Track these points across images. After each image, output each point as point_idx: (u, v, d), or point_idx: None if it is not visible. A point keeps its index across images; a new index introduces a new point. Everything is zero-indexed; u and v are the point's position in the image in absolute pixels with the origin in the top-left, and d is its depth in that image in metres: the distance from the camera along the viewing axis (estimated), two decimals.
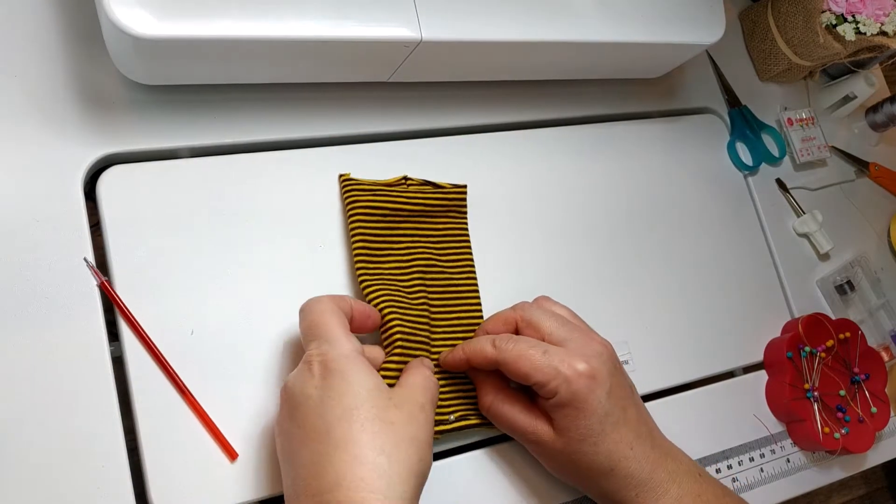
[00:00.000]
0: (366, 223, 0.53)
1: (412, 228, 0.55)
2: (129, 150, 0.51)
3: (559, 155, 0.64)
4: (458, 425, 0.52)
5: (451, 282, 0.55)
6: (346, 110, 0.58)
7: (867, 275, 0.75)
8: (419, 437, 0.43)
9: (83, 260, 0.47)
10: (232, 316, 0.50)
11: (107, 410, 0.45)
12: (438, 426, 0.51)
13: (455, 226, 0.57)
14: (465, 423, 0.52)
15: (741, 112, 0.75)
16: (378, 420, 0.42)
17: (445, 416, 0.51)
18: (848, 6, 0.69)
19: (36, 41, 0.50)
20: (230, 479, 0.47)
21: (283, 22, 0.47)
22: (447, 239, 0.56)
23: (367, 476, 0.40)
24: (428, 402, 0.46)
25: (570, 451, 0.49)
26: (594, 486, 0.50)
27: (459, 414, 0.52)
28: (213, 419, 0.47)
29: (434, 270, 0.55)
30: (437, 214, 0.56)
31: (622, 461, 0.49)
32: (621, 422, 0.49)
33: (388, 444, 0.42)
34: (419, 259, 0.54)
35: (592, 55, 0.61)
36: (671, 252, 0.66)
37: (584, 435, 0.48)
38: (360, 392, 0.43)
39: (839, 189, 0.79)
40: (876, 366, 0.68)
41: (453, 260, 0.56)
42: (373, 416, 0.42)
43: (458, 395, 0.53)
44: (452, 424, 0.51)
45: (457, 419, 0.52)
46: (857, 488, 1.38)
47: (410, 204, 0.54)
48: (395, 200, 0.54)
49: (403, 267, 0.53)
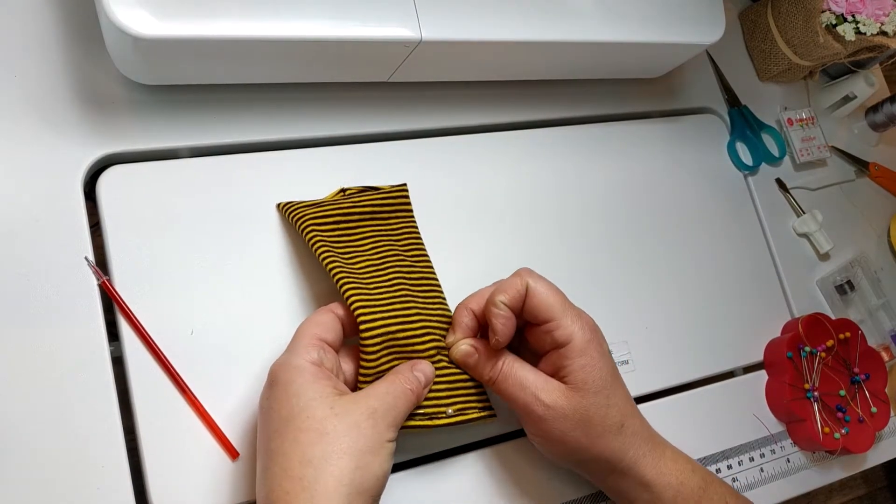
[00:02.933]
0: (323, 233, 0.52)
1: (369, 229, 0.54)
2: (129, 150, 0.51)
3: (559, 155, 0.64)
4: (455, 419, 0.51)
5: (422, 276, 0.54)
6: (346, 110, 0.58)
7: (867, 275, 0.75)
8: (358, 448, 0.41)
9: (84, 259, 0.47)
10: (232, 315, 0.50)
11: (107, 410, 0.45)
12: (433, 420, 0.50)
13: (405, 225, 0.56)
14: (464, 418, 0.51)
15: (741, 112, 0.75)
16: (311, 431, 0.41)
17: (442, 409, 0.50)
18: (848, 6, 0.69)
19: (36, 41, 0.50)
20: (231, 479, 0.47)
21: (283, 22, 0.47)
22: (403, 237, 0.55)
23: (292, 489, 0.40)
24: (385, 409, 0.44)
25: (584, 407, 0.48)
26: (605, 447, 0.49)
27: (458, 408, 0.51)
28: (214, 418, 0.47)
29: (406, 265, 0.53)
30: (386, 215, 0.55)
31: (629, 417, 0.50)
32: (621, 380, 0.51)
33: (316, 456, 0.40)
34: (389, 255, 0.53)
35: (592, 55, 0.61)
36: (671, 252, 0.66)
37: (599, 387, 0.48)
38: (297, 403, 0.42)
39: (839, 189, 0.79)
40: (876, 366, 0.68)
41: (416, 257, 0.55)
42: (307, 426, 0.41)
43: (456, 389, 0.52)
44: (450, 419, 0.51)
45: (455, 412, 0.51)
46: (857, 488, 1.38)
47: (357, 208, 0.53)
48: (341, 209, 0.53)
49: (377, 264, 0.52)
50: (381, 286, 0.51)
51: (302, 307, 0.52)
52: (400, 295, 0.51)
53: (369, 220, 0.54)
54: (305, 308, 0.52)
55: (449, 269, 0.56)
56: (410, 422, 0.49)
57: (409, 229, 0.56)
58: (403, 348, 0.49)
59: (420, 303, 0.52)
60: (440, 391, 0.51)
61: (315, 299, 0.52)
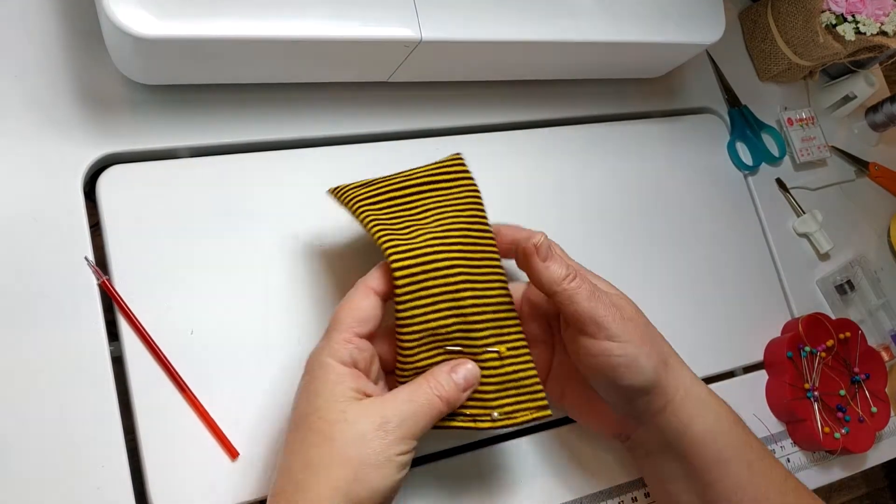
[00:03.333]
0: (378, 211, 0.47)
1: (430, 200, 0.49)
2: (129, 150, 0.51)
3: (559, 155, 0.64)
4: (501, 423, 0.46)
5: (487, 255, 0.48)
6: (346, 110, 0.58)
7: (867, 275, 0.75)
8: (360, 459, 0.40)
9: (83, 259, 0.47)
10: (232, 315, 0.50)
11: (107, 410, 0.45)
12: (476, 422, 0.46)
13: (469, 194, 0.50)
14: (511, 422, 0.46)
15: (741, 112, 0.75)
16: (320, 433, 0.41)
17: (488, 412, 0.46)
18: (848, 6, 0.69)
19: (36, 41, 0.50)
20: (231, 479, 0.47)
21: (283, 22, 0.47)
22: (468, 207, 0.49)
23: (289, 489, 0.40)
24: (400, 420, 0.42)
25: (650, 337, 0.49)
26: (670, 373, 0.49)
27: (506, 410, 0.46)
28: (214, 418, 0.47)
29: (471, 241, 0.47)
30: (446, 184, 0.50)
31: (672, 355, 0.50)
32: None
33: (317, 461, 0.40)
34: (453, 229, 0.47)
35: (592, 55, 0.61)
36: (671, 252, 0.66)
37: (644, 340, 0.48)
38: (314, 401, 0.42)
39: (839, 189, 0.79)
40: (876, 366, 0.68)
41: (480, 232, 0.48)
42: (317, 428, 0.41)
43: (507, 389, 0.47)
44: (495, 423, 0.46)
45: (501, 416, 0.46)
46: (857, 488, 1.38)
47: (412, 180, 0.49)
48: (394, 184, 0.49)
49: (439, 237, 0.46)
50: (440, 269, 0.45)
51: (302, 307, 0.52)
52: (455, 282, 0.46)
53: (428, 192, 0.49)
54: (305, 308, 0.52)
55: None
56: (450, 422, 0.45)
57: (473, 199, 0.50)
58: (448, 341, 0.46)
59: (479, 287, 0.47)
60: (488, 391, 0.46)
61: (315, 299, 0.52)
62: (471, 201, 0.49)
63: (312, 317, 0.52)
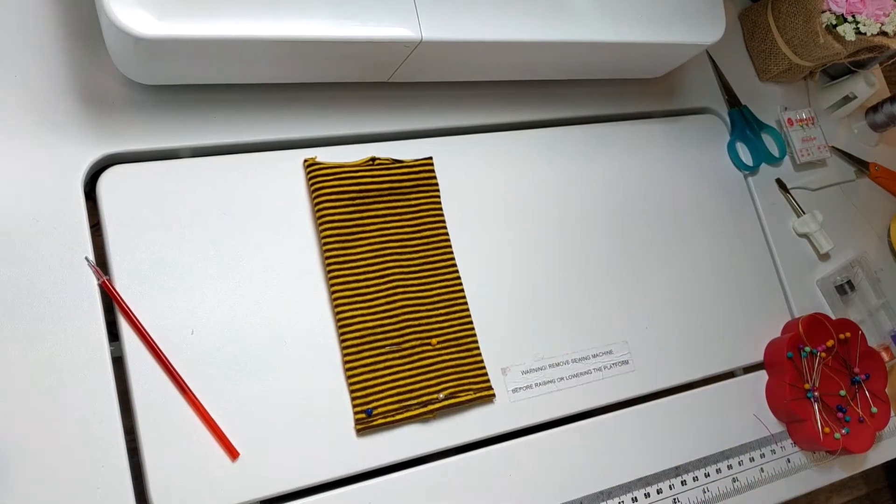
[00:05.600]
0: (334, 209, 0.53)
1: (383, 208, 0.55)
2: (130, 150, 0.51)
3: (559, 155, 0.65)
4: (447, 402, 0.53)
5: (428, 259, 0.56)
6: (347, 110, 0.58)
7: (867, 275, 0.75)
8: None
9: (84, 259, 0.47)
10: (232, 315, 0.50)
11: (107, 410, 0.45)
12: (427, 407, 0.52)
13: (427, 201, 0.57)
14: (456, 401, 0.53)
15: (741, 112, 0.75)
16: None
17: (434, 395, 0.53)
18: (848, 6, 0.69)
19: (36, 41, 0.50)
20: (231, 479, 0.47)
21: (283, 22, 0.47)
22: (421, 215, 0.57)
23: None
24: None
25: None
26: None
27: (449, 391, 0.53)
28: (214, 418, 0.47)
29: (408, 250, 0.55)
30: (406, 191, 0.56)
31: None
32: None
33: None
34: (392, 239, 0.55)
35: (592, 55, 0.61)
36: (671, 252, 0.66)
37: None
38: None
39: (839, 189, 0.79)
40: (876, 366, 0.68)
41: (429, 236, 0.56)
42: None
43: (447, 374, 0.54)
44: (442, 403, 0.53)
45: (447, 396, 0.53)
46: (857, 488, 1.38)
47: (378, 183, 0.55)
48: (362, 182, 0.54)
49: (376, 249, 0.54)
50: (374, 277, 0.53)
51: (301, 307, 0.52)
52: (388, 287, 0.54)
53: (389, 196, 0.56)
54: (305, 308, 0.52)
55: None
56: (407, 413, 0.51)
57: (429, 204, 0.57)
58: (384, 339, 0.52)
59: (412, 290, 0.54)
60: (430, 379, 0.53)
61: (314, 299, 0.52)
62: (427, 207, 0.57)
63: (312, 316, 0.52)
